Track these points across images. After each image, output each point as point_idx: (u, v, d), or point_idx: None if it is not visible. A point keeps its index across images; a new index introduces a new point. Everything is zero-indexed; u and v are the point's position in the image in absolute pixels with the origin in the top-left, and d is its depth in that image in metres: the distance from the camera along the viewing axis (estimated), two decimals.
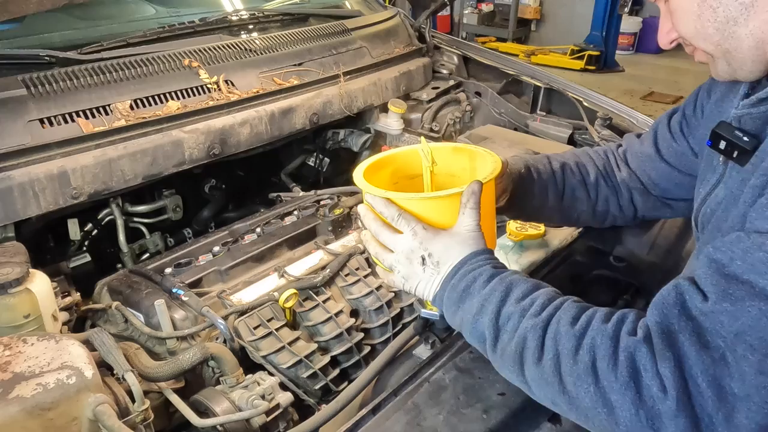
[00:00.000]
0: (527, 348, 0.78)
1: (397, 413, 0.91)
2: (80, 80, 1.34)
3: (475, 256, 0.89)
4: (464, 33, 9.02)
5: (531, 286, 0.84)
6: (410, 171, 1.10)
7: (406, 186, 1.10)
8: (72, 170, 1.26)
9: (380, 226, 0.94)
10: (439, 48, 2.29)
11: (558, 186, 1.19)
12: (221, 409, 1.02)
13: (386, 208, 0.92)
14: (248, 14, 1.86)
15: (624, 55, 8.49)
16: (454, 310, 0.88)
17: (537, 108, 2.09)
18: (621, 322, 0.75)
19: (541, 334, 0.77)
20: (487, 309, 0.83)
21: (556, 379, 0.75)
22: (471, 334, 0.86)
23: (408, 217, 0.91)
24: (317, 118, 1.71)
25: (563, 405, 0.76)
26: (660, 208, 1.21)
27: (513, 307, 0.81)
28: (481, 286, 0.85)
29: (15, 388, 0.80)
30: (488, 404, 0.92)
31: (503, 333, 0.81)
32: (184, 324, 1.17)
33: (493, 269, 0.87)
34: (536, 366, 0.77)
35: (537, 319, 0.79)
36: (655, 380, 0.67)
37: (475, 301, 0.84)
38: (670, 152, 1.14)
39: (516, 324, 0.80)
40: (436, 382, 0.96)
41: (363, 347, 1.32)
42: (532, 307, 0.81)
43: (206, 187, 1.83)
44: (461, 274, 0.87)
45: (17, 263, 1.05)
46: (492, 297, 0.83)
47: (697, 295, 0.70)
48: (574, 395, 0.73)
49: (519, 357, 0.79)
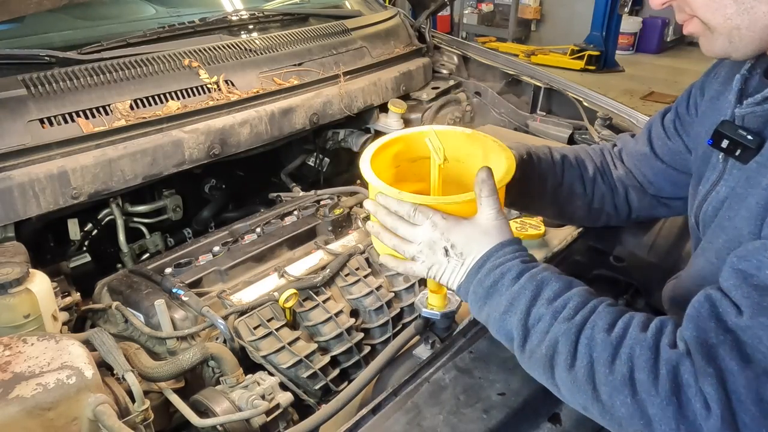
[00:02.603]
0: (559, 353, 0.76)
1: (397, 413, 0.91)
2: (80, 80, 1.34)
3: (501, 248, 0.85)
4: (464, 33, 9.02)
5: (563, 284, 0.81)
6: (414, 154, 1.07)
7: (408, 169, 1.07)
8: (72, 170, 1.26)
9: (396, 219, 0.91)
10: (439, 48, 2.29)
11: (557, 177, 1.18)
12: (221, 409, 1.02)
13: (400, 206, 0.90)
14: (248, 14, 1.86)
15: (624, 55, 8.49)
16: (480, 305, 0.85)
17: (537, 108, 2.09)
18: (660, 332, 0.72)
19: (574, 340, 0.75)
20: (516, 308, 0.80)
21: (590, 387, 0.73)
22: (498, 331, 0.84)
23: (425, 210, 0.88)
24: (317, 118, 1.71)
25: (595, 412, 0.74)
26: (656, 207, 1.21)
27: (544, 309, 0.79)
28: (509, 283, 0.82)
29: (15, 388, 0.80)
30: (488, 404, 0.92)
31: (533, 335, 0.79)
32: (184, 324, 1.17)
33: (522, 264, 0.84)
34: (568, 372, 0.75)
35: (570, 323, 0.76)
36: (699, 396, 0.65)
37: (503, 299, 0.82)
38: (664, 150, 1.14)
39: (547, 326, 0.78)
40: (436, 382, 0.96)
41: (363, 347, 1.32)
42: (564, 309, 0.78)
43: (206, 187, 1.83)
44: (488, 268, 0.84)
45: (17, 263, 1.05)
46: (521, 296, 0.80)
47: (731, 309, 0.68)
48: (609, 405, 0.71)
49: (549, 361, 0.77)
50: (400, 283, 1.43)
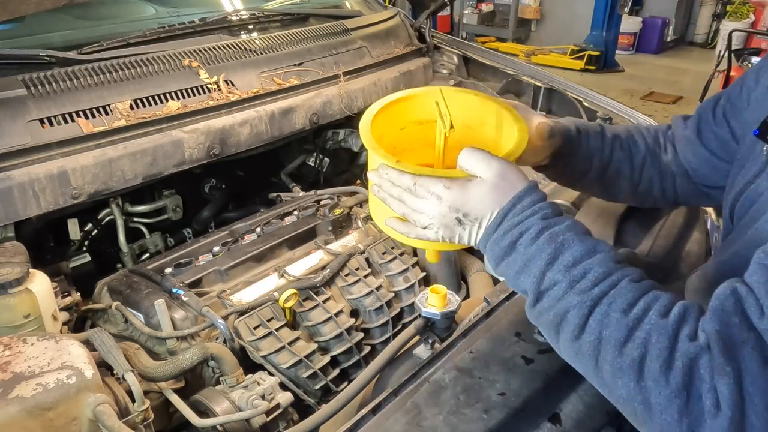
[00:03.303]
0: (566, 322, 0.73)
1: (397, 413, 0.91)
2: (80, 80, 1.34)
3: (517, 201, 0.79)
4: (464, 33, 9.03)
5: (585, 249, 0.75)
6: (420, 116, 0.99)
7: (413, 132, 0.99)
8: (72, 170, 1.26)
9: (401, 191, 0.84)
10: (439, 48, 2.28)
11: (604, 156, 1.14)
12: (221, 409, 1.02)
13: (400, 179, 0.83)
14: (248, 14, 1.86)
15: (624, 55, 8.50)
16: (496, 263, 0.81)
17: (537, 108, 2.09)
18: (682, 320, 0.68)
19: (586, 314, 0.71)
20: (530, 270, 0.76)
21: (592, 362, 0.71)
22: (513, 287, 0.82)
23: (425, 183, 0.81)
24: (317, 118, 1.71)
25: (594, 382, 0.73)
26: (699, 195, 1.16)
27: (560, 275, 0.74)
28: (527, 243, 0.77)
29: (15, 388, 0.80)
30: (488, 404, 0.92)
31: (544, 298, 0.75)
32: (184, 324, 1.17)
33: (542, 222, 0.78)
34: (572, 341, 0.73)
35: (585, 295, 0.72)
36: (711, 394, 0.63)
37: (519, 259, 0.78)
38: (710, 137, 1.09)
39: (560, 293, 0.74)
40: (436, 382, 0.96)
41: (363, 347, 1.32)
42: (583, 279, 0.73)
43: (206, 187, 1.83)
44: (504, 228, 0.79)
45: (17, 263, 1.05)
46: (537, 258, 0.76)
47: (755, 307, 0.66)
48: (609, 383, 0.70)
49: (556, 327, 0.74)
50: (400, 283, 1.43)
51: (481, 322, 1.09)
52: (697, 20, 9.45)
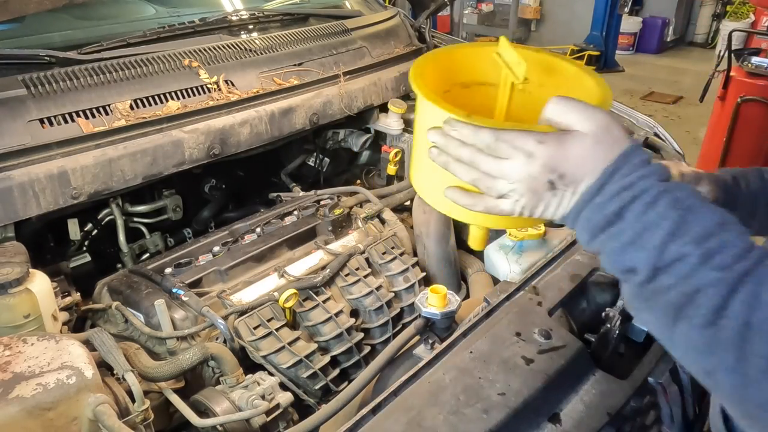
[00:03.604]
0: (697, 305, 0.60)
1: (397, 413, 0.91)
2: (80, 80, 1.34)
3: (625, 160, 0.65)
4: (464, 33, 9.01)
5: (717, 220, 0.62)
6: (469, 77, 0.85)
7: (459, 96, 0.83)
8: (72, 170, 1.26)
9: (475, 152, 0.70)
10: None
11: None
12: (221, 409, 1.02)
13: (474, 136, 0.69)
14: (248, 14, 1.86)
15: (624, 55, 8.50)
16: (593, 233, 0.67)
17: None
18: None
19: (726, 294, 0.58)
20: (647, 241, 0.63)
21: (733, 355, 0.57)
22: (613, 263, 0.67)
23: (511, 138, 0.67)
24: (317, 118, 1.71)
25: (724, 381, 0.59)
26: None
27: (690, 247, 0.61)
28: (641, 209, 0.63)
29: (15, 388, 0.80)
30: (488, 404, 0.92)
31: (664, 275, 0.62)
32: (184, 324, 1.18)
33: (660, 184, 0.64)
34: (702, 329, 0.59)
35: (725, 273, 0.59)
36: None
37: (629, 228, 0.64)
38: None
39: (689, 270, 0.60)
40: (436, 382, 0.96)
41: (363, 347, 1.32)
42: (720, 254, 0.60)
43: (206, 187, 1.83)
44: (611, 191, 0.65)
45: (17, 263, 1.05)
46: (658, 228, 0.62)
47: None
48: (755, 380, 0.57)
49: (677, 311, 0.61)
50: (400, 283, 1.44)
51: (481, 322, 1.09)
52: (697, 20, 9.46)
